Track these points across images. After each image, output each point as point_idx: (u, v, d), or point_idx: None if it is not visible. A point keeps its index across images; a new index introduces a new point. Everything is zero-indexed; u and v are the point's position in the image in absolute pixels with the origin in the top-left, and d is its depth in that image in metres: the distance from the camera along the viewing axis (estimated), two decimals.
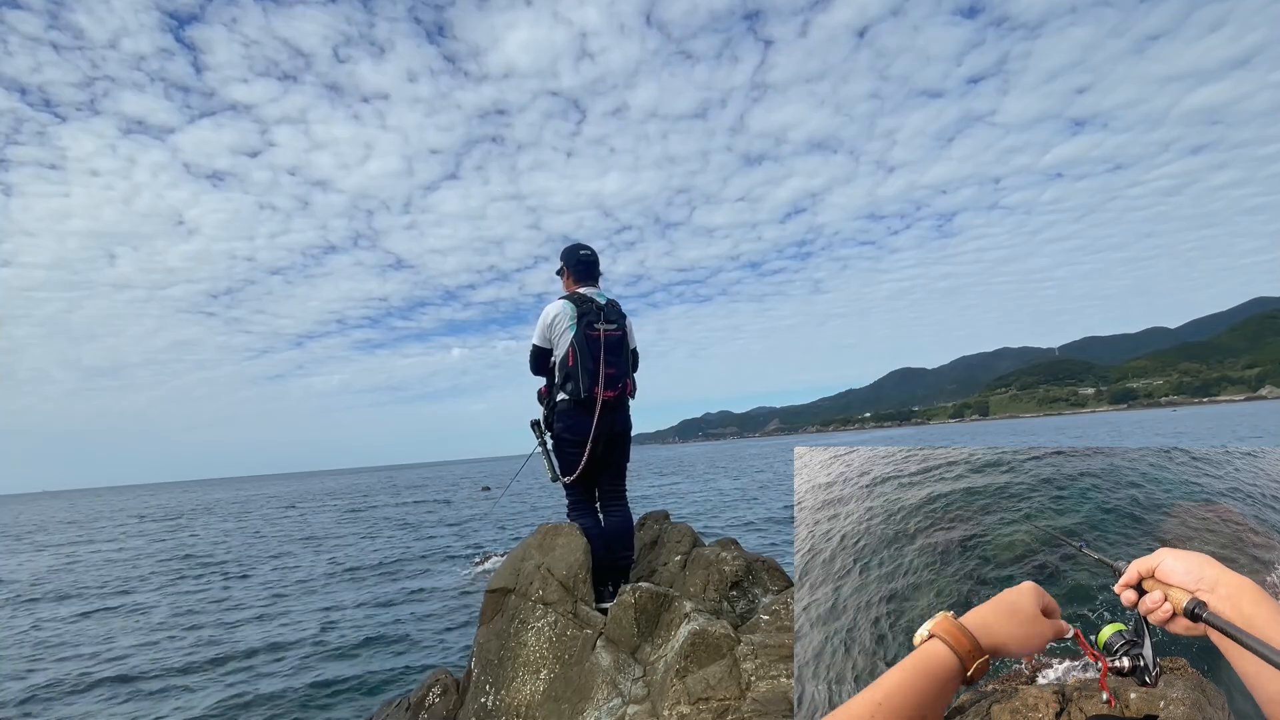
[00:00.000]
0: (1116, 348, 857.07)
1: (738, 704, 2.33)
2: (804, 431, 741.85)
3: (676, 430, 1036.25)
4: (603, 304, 3.74)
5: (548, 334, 3.70)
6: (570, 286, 3.90)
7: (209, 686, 7.31)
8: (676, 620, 2.97)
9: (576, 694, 2.94)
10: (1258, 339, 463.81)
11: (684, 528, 4.27)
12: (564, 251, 3.95)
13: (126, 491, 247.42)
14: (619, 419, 3.80)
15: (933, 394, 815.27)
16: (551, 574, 3.46)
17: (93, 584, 15.33)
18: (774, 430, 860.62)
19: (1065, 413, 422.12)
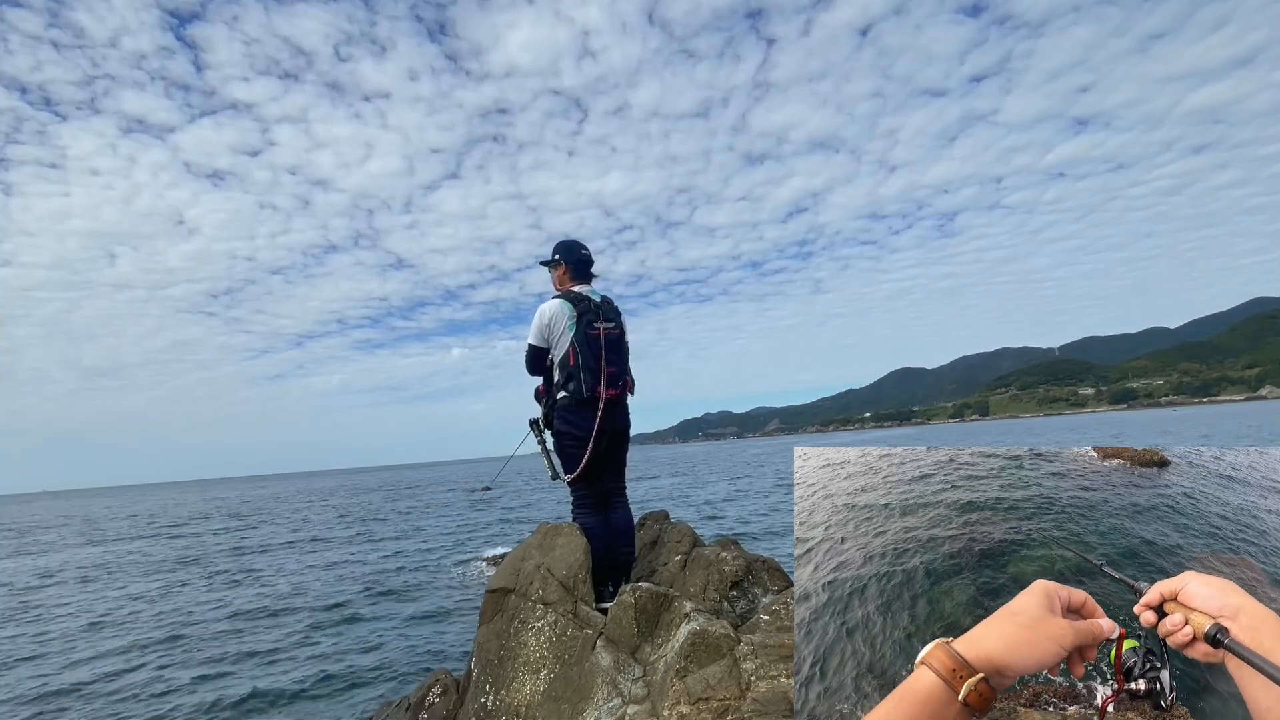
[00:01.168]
0: (1116, 348, 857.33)
1: (738, 704, 2.32)
2: (804, 431, 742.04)
3: (676, 430, 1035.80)
4: (599, 302, 3.71)
5: (546, 334, 3.67)
6: (563, 282, 3.85)
7: (209, 687, 7.32)
8: (676, 620, 2.97)
9: (576, 694, 2.94)
10: (1258, 339, 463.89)
11: (684, 528, 4.27)
12: (563, 247, 3.88)
13: (127, 492, 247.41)
14: (620, 416, 3.80)
15: (933, 394, 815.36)
16: (551, 574, 3.46)
17: (91, 585, 15.33)
18: (774, 430, 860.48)
19: (1065, 413, 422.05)
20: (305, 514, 34.38)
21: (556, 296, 3.73)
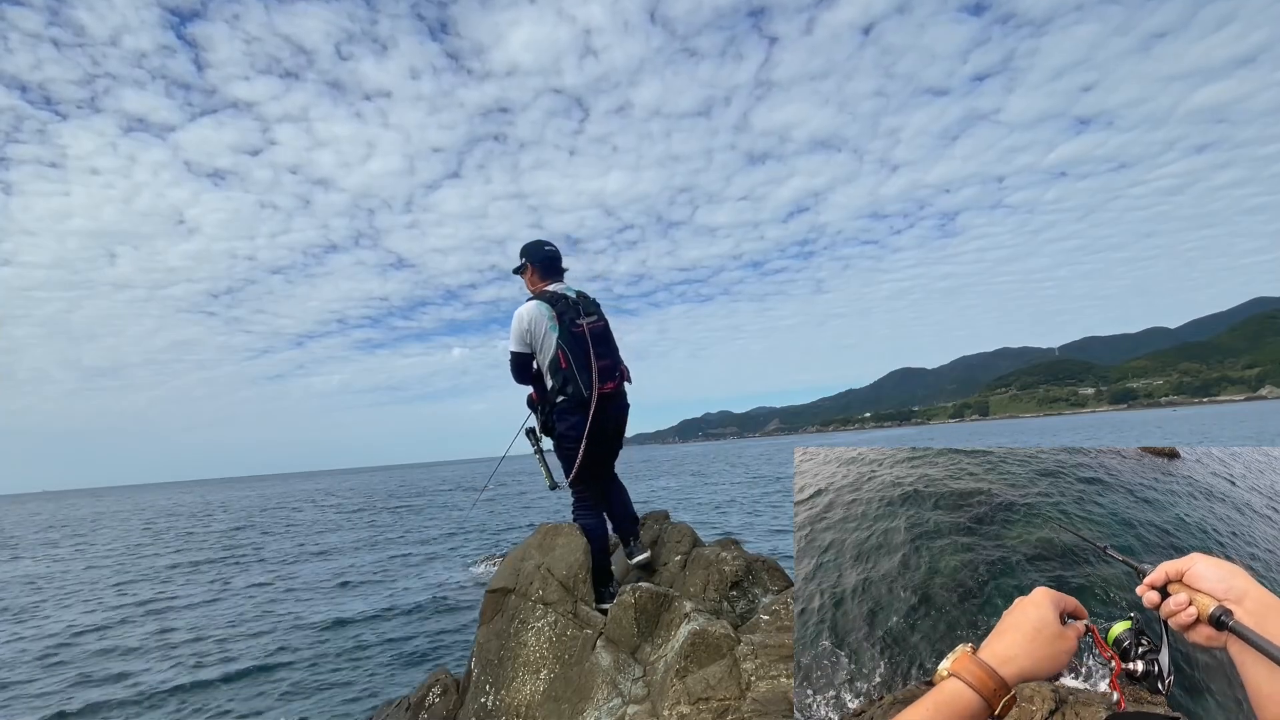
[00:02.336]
0: (1116, 348, 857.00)
1: (738, 704, 2.32)
2: (804, 431, 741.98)
3: (676, 430, 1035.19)
4: (575, 298, 3.62)
5: (527, 338, 3.58)
6: (535, 284, 3.77)
7: (208, 687, 7.31)
8: (676, 620, 2.97)
9: (576, 694, 2.94)
10: (1258, 339, 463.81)
11: (684, 528, 4.27)
12: (526, 248, 3.79)
13: (126, 492, 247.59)
14: (619, 409, 3.76)
15: (933, 394, 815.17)
16: (551, 574, 3.46)
17: (91, 584, 15.33)
18: (774, 430, 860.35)
19: (1065, 413, 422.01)
20: (304, 514, 34.39)
21: (531, 299, 3.63)
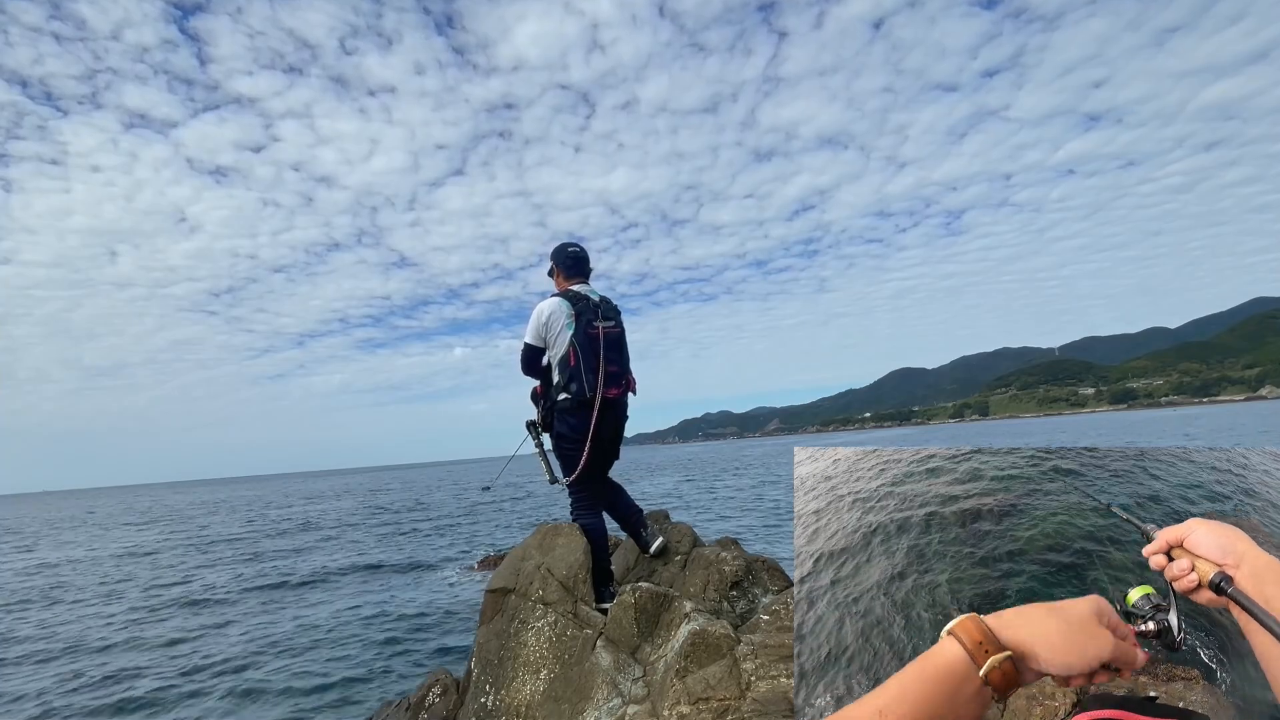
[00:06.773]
0: (1116, 348, 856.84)
1: (738, 704, 2.32)
2: (804, 431, 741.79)
3: (677, 430, 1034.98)
4: (597, 300, 3.68)
5: (542, 332, 3.62)
6: (561, 284, 3.84)
7: (208, 687, 7.31)
8: (676, 620, 2.97)
9: (576, 694, 2.94)
10: (1258, 339, 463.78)
11: (684, 528, 4.27)
12: (554, 251, 3.90)
13: (127, 491, 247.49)
14: (620, 416, 3.79)
15: (933, 394, 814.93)
16: (551, 574, 3.46)
17: (89, 584, 15.33)
18: (774, 430, 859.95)
19: (1065, 413, 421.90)
20: (304, 514, 34.39)
21: (554, 295, 3.71)
